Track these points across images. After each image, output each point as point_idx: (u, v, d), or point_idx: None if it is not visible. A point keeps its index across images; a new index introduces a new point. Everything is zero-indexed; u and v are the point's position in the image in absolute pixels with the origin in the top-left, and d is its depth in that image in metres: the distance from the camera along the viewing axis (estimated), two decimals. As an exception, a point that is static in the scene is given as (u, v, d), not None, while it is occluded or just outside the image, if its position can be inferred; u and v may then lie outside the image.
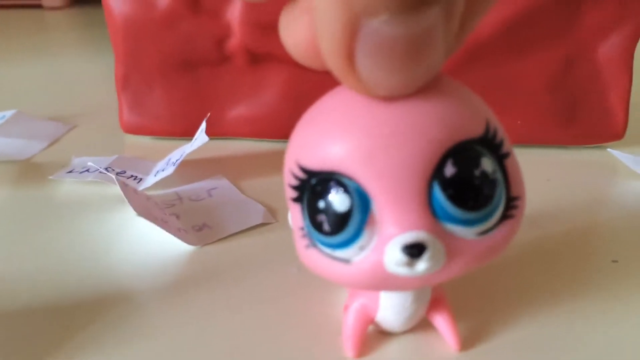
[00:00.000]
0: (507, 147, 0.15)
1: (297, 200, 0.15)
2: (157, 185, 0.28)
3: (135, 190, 0.25)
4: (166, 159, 0.30)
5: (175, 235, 0.23)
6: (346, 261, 0.14)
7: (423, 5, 0.11)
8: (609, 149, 0.31)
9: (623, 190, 0.29)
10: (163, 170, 0.28)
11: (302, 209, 0.15)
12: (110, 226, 0.25)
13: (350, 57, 0.12)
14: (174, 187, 0.29)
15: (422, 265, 0.14)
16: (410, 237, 0.13)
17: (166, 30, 0.32)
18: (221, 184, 0.29)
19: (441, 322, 0.18)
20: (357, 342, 0.18)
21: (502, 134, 0.15)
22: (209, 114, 0.31)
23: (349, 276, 0.14)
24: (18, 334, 0.19)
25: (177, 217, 0.26)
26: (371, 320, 0.18)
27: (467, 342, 0.19)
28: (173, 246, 0.24)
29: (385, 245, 0.14)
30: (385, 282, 0.14)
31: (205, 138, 0.28)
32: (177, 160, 0.28)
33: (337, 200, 0.14)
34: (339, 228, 0.14)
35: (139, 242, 0.24)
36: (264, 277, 0.22)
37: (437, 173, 0.13)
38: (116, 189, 0.25)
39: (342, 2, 0.11)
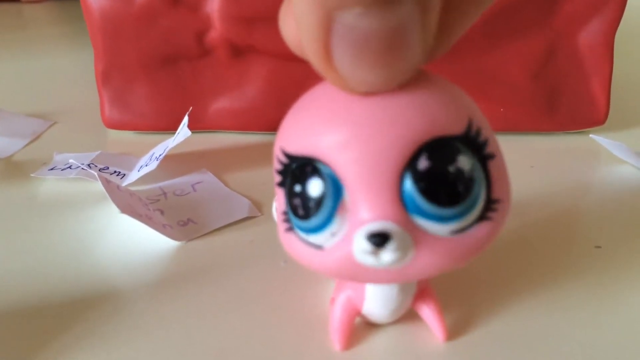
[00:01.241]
0: (492, 148, 0.15)
1: (281, 184, 0.15)
2: (140, 180, 0.28)
3: (118, 187, 0.25)
4: (149, 153, 0.30)
5: (160, 231, 0.23)
6: (319, 247, 0.15)
7: None
8: (591, 135, 0.31)
9: (605, 175, 0.30)
10: (146, 166, 0.28)
11: (285, 193, 0.15)
12: (94, 223, 0.25)
13: (327, 52, 0.12)
14: (158, 182, 0.28)
15: (387, 255, 0.14)
16: (376, 226, 0.13)
17: (145, 25, 0.32)
18: (205, 178, 0.29)
19: (428, 312, 0.18)
20: (344, 335, 0.18)
21: (487, 135, 0.15)
22: (191, 108, 0.31)
23: (320, 262, 0.15)
24: (2, 334, 0.19)
25: (162, 212, 0.25)
26: (358, 313, 0.18)
27: (453, 332, 0.19)
28: (158, 242, 0.23)
29: (352, 234, 0.14)
30: (355, 271, 0.14)
31: (188, 132, 0.28)
32: (160, 155, 0.28)
33: (311, 184, 0.14)
34: (311, 212, 0.14)
35: (124, 239, 0.24)
36: (251, 271, 0.22)
37: (410, 165, 0.13)
38: (99, 185, 0.25)
39: None
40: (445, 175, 0.14)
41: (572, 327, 0.19)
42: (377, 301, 0.17)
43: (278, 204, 0.16)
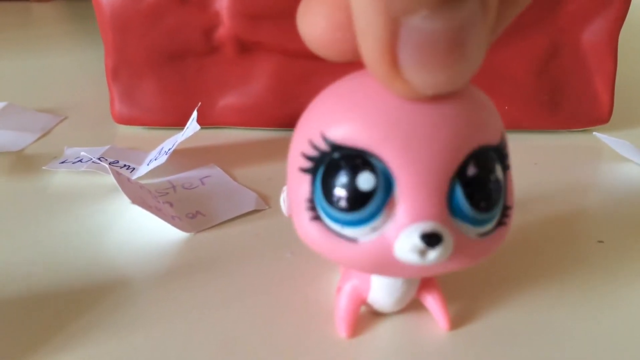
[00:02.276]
0: (509, 159, 0.16)
1: (309, 171, 0.15)
2: (150, 174, 0.28)
3: (128, 179, 0.25)
4: (158, 148, 0.30)
5: (169, 222, 0.24)
6: (352, 240, 0.15)
7: None
8: (595, 133, 0.32)
9: (609, 173, 0.30)
10: (156, 160, 0.28)
11: (314, 180, 0.15)
12: (104, 215, 0.26)
13: (394, 58, 0.12)
14: (167, 176, 0.29)
15: (433, 254, 0.14)
16: (430, 226, 0.14)
17: (154, 22, 0.32)
18: (214, 172, 0.29)
19: (432, 302, 0.19)
20: (350, 323, 0.18)
21: (508, 146, 0.16)
22: (199, 103, 0.31)
23: (352, 255, 0.15)
24: (12, 323, 0.19)
25: (171, 205, 0.26)
26: (363, 302, 0.18)
27: (456, 322, 0.19)
28: (167, 234, 0.24)
29: (400, 231, 0.14)
30: (387, 266, 0.15)
31: (197, 126, 0.28)
32: (169, 150, 0.28)
33: (362, 178, 0.14)
34: (357, 206, 0.14)
35: (133, 230, 0.24)
36: (258, 262, 0.22)
37: (460, 171, 0.14)
38: (109, 179, 0.25)
39: (380, 2, 0.11)
40: (488, 182, 0.15)
41: (574, 321, 0.19)
42: (382, 290, 0.18)
43: (300, 190, 0.15)
